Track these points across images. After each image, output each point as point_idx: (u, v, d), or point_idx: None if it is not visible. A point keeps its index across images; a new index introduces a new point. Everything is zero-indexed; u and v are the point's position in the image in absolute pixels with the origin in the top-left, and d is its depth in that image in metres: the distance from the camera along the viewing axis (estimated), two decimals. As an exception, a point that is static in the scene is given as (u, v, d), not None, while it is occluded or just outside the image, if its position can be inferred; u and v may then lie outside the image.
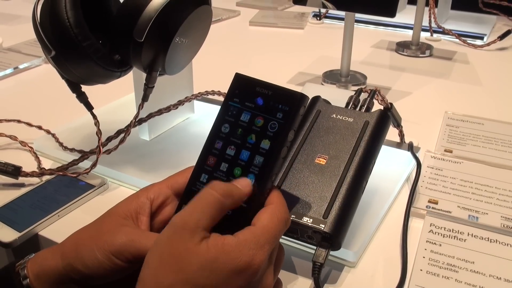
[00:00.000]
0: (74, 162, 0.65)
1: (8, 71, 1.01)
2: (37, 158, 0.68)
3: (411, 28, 1.18)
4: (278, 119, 0.41)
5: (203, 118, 0.78)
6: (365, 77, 0.98)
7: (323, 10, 1.41)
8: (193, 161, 0.43)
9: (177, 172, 0.45)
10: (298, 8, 1.48)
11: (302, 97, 0.41)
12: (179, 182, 0.44)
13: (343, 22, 0.92)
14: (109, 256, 0.39)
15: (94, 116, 0.61)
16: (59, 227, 0.57)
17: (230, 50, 1.21)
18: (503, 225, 0.56)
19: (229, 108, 0.42)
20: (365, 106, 0.57)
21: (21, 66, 1.03)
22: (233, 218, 0.39)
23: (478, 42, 1.22)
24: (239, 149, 0.41)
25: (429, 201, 0.60)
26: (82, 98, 0.61)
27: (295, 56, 1.16)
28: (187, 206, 0.38)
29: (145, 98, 0.60)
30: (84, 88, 0.61)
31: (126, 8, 0.55)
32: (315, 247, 0.47)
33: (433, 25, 1.25)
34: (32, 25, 0.56)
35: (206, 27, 0.61)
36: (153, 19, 0.53)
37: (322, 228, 0.46)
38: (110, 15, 0.60)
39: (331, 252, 0.47)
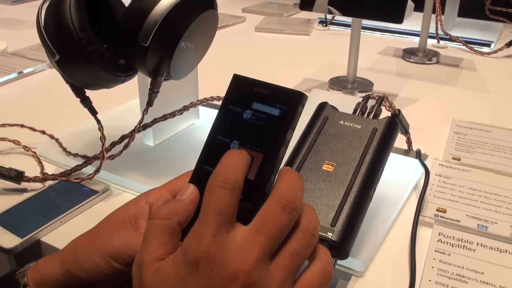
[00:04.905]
0: (78, 168, 0.64)
1: (13, 75, 1.01)
2: (40, 163, 0.68)
3: (417, 35, 1.17)
4: (276, 118, 0.40)
5: (208, 124, 0.77)
6: (371, 84, 0.97)
7: (329, 17, 1.40)
8: (197, 167, 0.42)
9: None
10: (304, 15, 1.48)
11: (300, 95, 0.40)
12: (178, 186, 0.42)
13: (350, 28, 0.91)
14: (106, 259, 0.38)
15: (98, 121, 0.61)
16: (62, 233, 0.56)
17: (236, 56, 1.21)
18: (514, 235, 0.55)
19: (227, 109, 0.42)
20: (373, 112, 0.56)
21: (25, 71, 1.03)
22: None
23: (485, 49, 1.21)
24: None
25: (437, 210, 0.59)
26: (86, 102, 0.60)
27: (301, 63, 1.15)
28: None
29: (149, 103, 0.59)
30: (88, 92, 0.60)
31: (131, 12, 0.55)
32: (322, 256, 0.46)
33: (440, 32, 1.24)
34: (36, 29, 0.55)
35: (212, 32, 0.61)
36: (159, 23, 0.53)
37: (330, 237, 0.45)
38: (115, 19, 0.59)
39: (338, 261, 0.46)
